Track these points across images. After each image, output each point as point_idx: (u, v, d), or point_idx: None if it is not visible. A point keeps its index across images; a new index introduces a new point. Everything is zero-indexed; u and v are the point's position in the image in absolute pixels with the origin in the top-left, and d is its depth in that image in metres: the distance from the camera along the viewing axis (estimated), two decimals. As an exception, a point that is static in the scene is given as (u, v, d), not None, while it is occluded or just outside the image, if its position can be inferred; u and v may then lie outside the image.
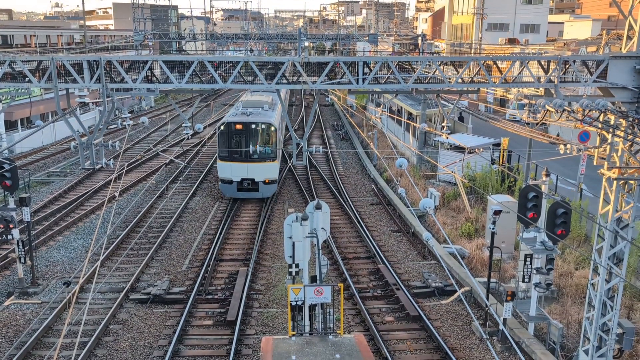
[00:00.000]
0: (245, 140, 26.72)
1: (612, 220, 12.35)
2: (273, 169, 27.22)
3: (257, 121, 26.71)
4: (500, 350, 15.11)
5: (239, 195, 27.17)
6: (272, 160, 27.07)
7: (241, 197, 27.25)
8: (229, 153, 26.83)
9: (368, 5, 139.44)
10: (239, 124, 26.63)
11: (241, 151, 26.67)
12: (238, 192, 27.05)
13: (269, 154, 27.02)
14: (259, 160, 26.72)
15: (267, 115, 27.63)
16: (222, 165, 27.04)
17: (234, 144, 26.87)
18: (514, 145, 30.00)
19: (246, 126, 26.58)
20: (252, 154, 26.45)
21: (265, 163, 26.91)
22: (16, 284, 18.43)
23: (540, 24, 68.35)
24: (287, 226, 12.62)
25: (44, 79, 12.28)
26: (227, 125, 26.71)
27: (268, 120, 26.86)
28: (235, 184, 26.96)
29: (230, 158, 26.80)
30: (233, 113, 28.73)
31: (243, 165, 26.64)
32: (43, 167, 34.42)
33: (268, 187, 27.18)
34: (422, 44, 41.09)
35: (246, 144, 26.66)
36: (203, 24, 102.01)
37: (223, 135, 26.83)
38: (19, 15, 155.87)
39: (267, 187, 27.14)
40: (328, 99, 63.14)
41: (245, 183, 26.80)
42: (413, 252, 22.03)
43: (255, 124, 26.63)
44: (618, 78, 11.79)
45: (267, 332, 15.97)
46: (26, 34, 58.69)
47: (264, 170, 26.86)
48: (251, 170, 26.69)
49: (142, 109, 57.53)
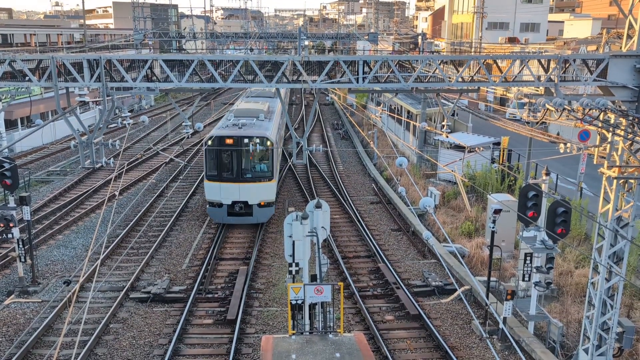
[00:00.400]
0: (237, 156, 23.06)
1: (612, 219, 12.35)
2: (269, 189, 23.73)
3: (250, 134, 22.94)
4: (500, 349, 15.12)
5: (230, 221, 23.62)
6: (269, 179, 23.53)
7: (232, 222, 23.74)
8: (218, 172, 23.22)
9: (368, 4, 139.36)
10: (229, 137, 22.85)
11: (232, 170, 23.25)
12: (229, 217, 23.47)
13: (264, 173, 23.55)
14: (252, 180, 23.28)
15: (262, 127, 24.11)
16: (210, 186, 23.38)
17: (224, 162, 23.26)
18: (514, 144, 30.00)
19: (238, 140, 22.79)
20: (244, 173, 23.27)
21: (261, 183, 23.37)
22: (16, 283, 18.45)
23: (541, 23, 68.31)
24: (287, 225, 12.63)
25: (44, 78, 12.28)
26: (215, 139, 22.85)
27: (263, 134, 23.08)
28: (225, 207, 23.30)
29: (220, 178, 23.18)
30: (223, 124, 24.75)
31: (234, 185, 23.11)
32: (43, 166, 34.43)
33: (263, 210, 23.59)
34: (422, 43, 41.09)
35: (238, 161, 23.13)
36: (203, 23, 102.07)
37: (211, 152, 23.02)
38: (19, 14, 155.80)
39: (262, 211, 23.56)
40: (328, 98, 63.12)
41: (237, 206, 23.20)
42: (413, 251, 22.04)
43: (248, 138, 22.75)
44: (618, 77, 11.79)
45: (267, 331, 15.98)
46: (26, 33, 58.66)
47: (258, 192, 23.29)
48: (244, 191, 23.09)
49: (142, 108, 57.52)
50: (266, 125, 24.66)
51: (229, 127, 23.94)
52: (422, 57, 13.57)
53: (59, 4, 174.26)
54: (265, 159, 23.62)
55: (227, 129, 23.69)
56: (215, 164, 23.18)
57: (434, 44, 75.36)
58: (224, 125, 24.47)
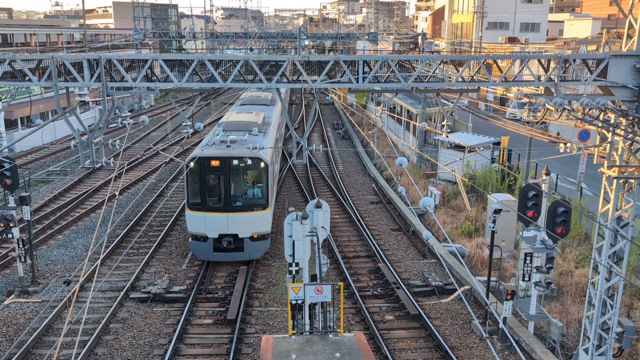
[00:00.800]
0: (225, 181, 19.51)
1: (612, 219, 12.35)
2: (264, 219, 20.13)
3: (241, 155, 19.51)
4: (500, 349, 15.12)
5: (217, 258, 20.02)
6: (263, 207, 20.01)
7: (220, 259, 20.14)
8: (202, 199, 19.73)
9: (368, 4, 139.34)
10: (215, 159, 19.38)
11: (219, 197, 19.76)
12: (215, 253, 19.85)
13: (258, 200, 20.03)
14: (243, 208, 19.76)
15: (255, 144, 20.23)
16: (193, 217, 19.76)
17: (209, 187, 19.83)
18: (514, 144, 30.00)
19: (226, 162, 19.37)
20: (234, 201, 19.75)
21: (253, 212, 19.80)
22: (16, 283, 18.45)
23: (541, 22, 68.32)
24: (287, 225, 12.63)
25: (44, 78, 12.28)
26: (199, 161, 19.32)
27: (257, 153, 19.50)
28: (210, 241, 19.66)
29: (204, 206, 19.66)
30: (209, 141, 20.97)
31: (222, 216, 19.48)
32: (43, 165, 34.43)
33: (257, 244, 19.97)
34: (422, 43, 41.07)
35: (226, 186, 19.56)
36: (203, 23, 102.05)
37: (194, 175, 19.61)
38: (19, 14, 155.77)
39: (255, 245, 19.94)
40: (328, 98, 63.11)
41: (224, 241, 19.58)
42: (413, 250, 22.04)
43: (238, 159, 19.43)
44: (618, 77, 11.79)
45: (267, 331, 15.98)
46: (26, 32, 58.65)
47: (251, 222, 19.74)
48: (233, 222, 19.53)
49: (142, 108, 57.53)
50: (260, 142, 21.14)
51: (215, 145, 20.44)
52: (422, 57, 13.57)
53: (59, 4, 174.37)
54: (259, 183, 20.20)
55: (214, 147, 20.20)
56: (199, 190, 19.71)
57: (434, 44, 75.36)
58: (210, 142, 20.76)
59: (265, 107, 29.13)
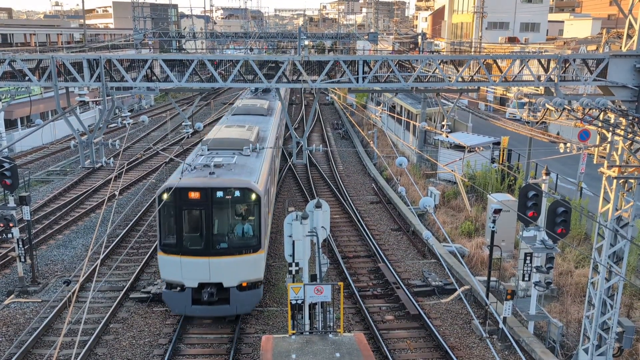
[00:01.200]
0: (207, 217, 15.61)
1: (612, 219, 12.35)
2: (255, 264, 16.12)
3: (227, 184, 15.63)
4: (500, 349, 15.13)
5: (196, 312, 16.09)
6: (254, 249, 15.95)
7: (200, 314, 16.33)
8: (178, 240, 15.76)
9: (368, 4, 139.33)
10: (195, 190, 15.48)
11: (199, 237, 15.85)
12: (194, 307, 15.87)
13: (248, 240, 16.07)
14: (230, 251, 15.81)
15: (246, 170, 16.84)
16: (167, 261, 15.78)
17: (187, 225, 16.05)
18: (514, 144, 30.00)
19: (208, 194, 15.48)
20: (217, 242, 15.80)
21: (242, 256, 15.83)
22: (16, 283, 18.45)
23: (540, 22, 68.34)
24: (287, 225, 12.64)
25: (43, 78, 12.28)
26: (174, 193, 15.33)
27: (247, 182, 15.83)
28: (189, 292, 15.79)
29: (180, 249, 15.72)
30: (189, 165, 16.67)
31: (202, 261, 15.62)
32: (43, 165, 34.43)
33: (246, 295, 16.08)
34: (422, 43, 41.05)
35: (208, 224, 15.65)
36: (203, 23, 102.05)
37: (168, 210, 15.69)
38: (19, 13, 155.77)
39: (244, 296, 16.03)
40: (328, 98, 63.11)
41: (206, 292, 15.55)
42: (413, 250, 22.04)
43: (223, 190, 15.53)
44: (618, 77, 11.80)
45: (267, 331, 15.98)
46: (26, 32, 58.64)
47: (239, 268, 15.87)
48: (217, 268, 15.65)
49: (142, 108, 57.54)
50: (252, 165, 17.51)
51: (196, 170, 16.38)
52: (422, 57, 13.57)
53: (59, 4, 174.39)
54: (250, 218, 16.19)
55: (194, 174, 16.12)
56: (174, 229, 15.76)
57: (434, 44, 75.36)
58: (190, 166, 16.60)
59: (261, 118, 25.35)
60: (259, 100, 30.36)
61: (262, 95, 33.31)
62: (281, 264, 20.35)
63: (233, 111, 27.49)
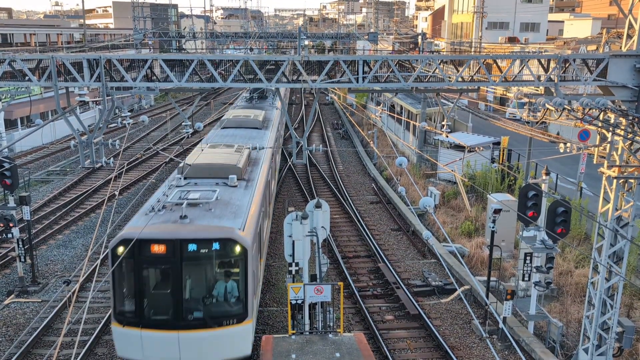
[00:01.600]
0: (175, 279, 11.76)
1: (612, 219, 12.36)
2: (240, 338, 12.23)
3: (203, 236, 11.80)
4: (500, 349, 15.12)
5: None
6: (238, 319, 12.06)
7: None
8: (138, 309, 11.91)
9: (368, 4, 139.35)
10: (159, 242, 11.64)
11: (166, 304, 11.98)
12: None
13: (230, 308, 12.18)
14: (206, 323, 11.88)
15: (229, 211, 12.96)
16: (124, 335, 11.93)
17: (150, 288, 12.29)
18: (514, 144, 30.00)
19: (177, 248, 11.61)
20: (189, 311, 11.91)
21: (222, 329, 11.94)
22: (16, 283, 18.44)
23: (540, 22, 68.35)
24: (287, 225, 12.64)
25: (43, 78, 12.28)
26: (133, 247, 11.37)
27: (228, 233, 11.91)
28: None
29: (141, 320, 11.86)
30: (155, 205, 12.90)
31: (170, 336, 11.75)
32: (43, 165, 34.43)
33: None
34: (422, 43, 41.03)
35: (177, 287, 11.79)
36: (203, 23, 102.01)
37: (124, 268, 11.92)
38: (19, 13, 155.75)
39: None
40: (328, 98, 63.11)
41: None
42: (413, 250, 22.03)
43: (198, 243, 11.72)
44: (618, 77, 11.80)
45: (267, 331, 15.97)
46: (26, 32, 58.65)
47: (218, 345, 12.05)
48: (189, 346, 11.78)
49: (142, 108, 57.54)
50: (239, 202, 13.55)
51: (165, 212, 12.52)
52: (422, 57, 13.57)
53: (58, 4, 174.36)
54: (233, 279, 12.12)
55: (161, 218, 12.25)
56: (133, 293, 11.90)
57: (434, 44, 75.35)
58: (157, 206, 12.74)
59: (255, 133, 21.39)
60: (253, 110, 26.52)
61: (257, 103, 30.60)
62: (281, 264, 20.35)
63: (222, 124, 23.52)
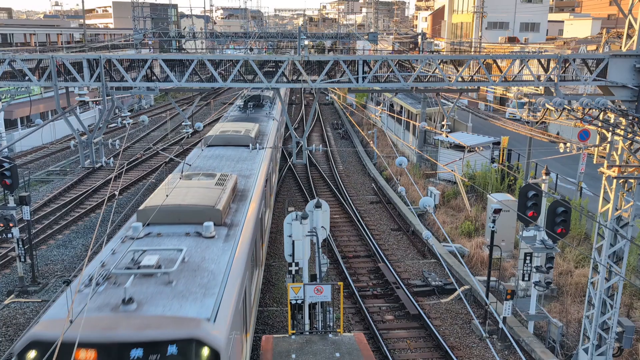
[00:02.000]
0: None
1: (612, 219, 12.36)
2: None
3: (153, 338, 7.04)
4: (500, 349, 15.13)
5: None
6: None
7: None
8: None
9: (368, 4, 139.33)
10: (87, 346, 6.87)
11: None
12: None
13: None
14: None
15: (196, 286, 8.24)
16: None
17: None
18: (514, 143, 30.00)
19: (112, 355, 6.91)
20: None
21: None
22: (16, 283, 18.44)
23: (540, 22, 68.35)
24: (287, 225, 12.64)
25: (43, 78, 12.27)
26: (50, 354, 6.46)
27: (192, 331, 7.16)
28: None
29: None
30: (90, 277, 8.45)
31: None
32: (43, 165, 34.42)
33: None
34: (422, 43, 41.06)
35: None
36: (203, 23, 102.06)
37: None
38: (19, 13, 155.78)
39: None
40: (328, 98, 63.11)
41: None
42: (413, 250, 22.03)
43: (145, 347, 6.97)
44: (618, 76, 11.80)
45: (267, 331, 15.98)
46: (26, 32, 58.67)
47: None
48: None
49: (142, 108, 57.53)
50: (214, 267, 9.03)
51: (102, 292, 8.03)
52: (422, 57, 13.57)
53: (58, 4, 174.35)
54: None
55: (94, 303, 7.71)
56: None
57: (434, 44, 75.35)
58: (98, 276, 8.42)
59: (246, 154, 17.95)
60: (245, 123, 22.04)
61: (251, 113, 26.38)
62: (281, 264, 20.35)
63: (208, 141, 19.37)
